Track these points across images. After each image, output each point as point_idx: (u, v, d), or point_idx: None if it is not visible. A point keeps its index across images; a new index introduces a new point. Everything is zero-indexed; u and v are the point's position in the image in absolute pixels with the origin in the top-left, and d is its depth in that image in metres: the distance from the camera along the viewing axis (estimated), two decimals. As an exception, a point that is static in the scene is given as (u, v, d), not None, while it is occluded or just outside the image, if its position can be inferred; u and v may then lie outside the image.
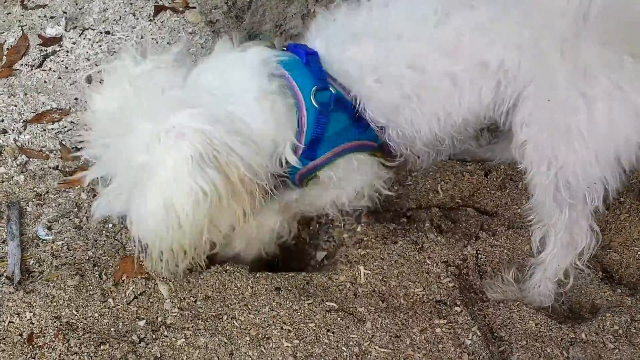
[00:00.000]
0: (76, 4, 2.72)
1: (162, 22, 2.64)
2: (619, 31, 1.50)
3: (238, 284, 1.83)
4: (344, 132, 1.71)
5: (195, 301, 1.81)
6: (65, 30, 2.62)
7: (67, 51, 2.57)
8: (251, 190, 1.59)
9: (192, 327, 1.76)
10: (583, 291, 1.89)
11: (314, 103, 1.64)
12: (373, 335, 1.73)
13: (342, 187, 1.80)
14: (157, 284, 1.84)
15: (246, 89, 1.61)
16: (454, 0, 1.62)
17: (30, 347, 1.73)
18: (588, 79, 1.52)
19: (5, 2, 2.72)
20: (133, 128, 1.53)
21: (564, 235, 1.71)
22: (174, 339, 1.74)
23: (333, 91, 1.67)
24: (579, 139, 1.56)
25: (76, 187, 2.19)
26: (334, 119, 1.68)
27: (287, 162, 1.69)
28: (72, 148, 2.31)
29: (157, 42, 2.59)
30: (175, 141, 1.49)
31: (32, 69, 2.52)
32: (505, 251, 1.94)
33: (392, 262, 1.88)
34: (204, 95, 1.59)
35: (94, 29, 2.63)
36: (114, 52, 2.57)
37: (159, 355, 1.72)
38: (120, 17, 2.66)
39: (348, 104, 1.68)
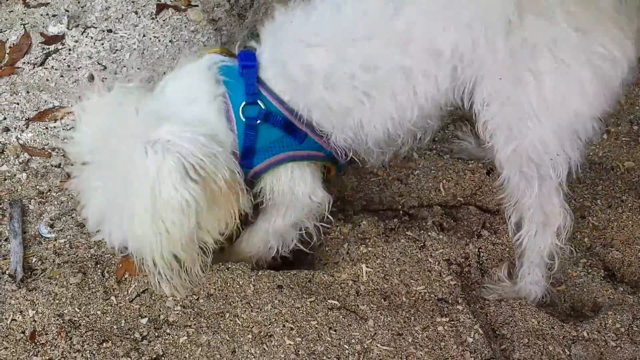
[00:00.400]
0: (78, 2, 2.72)
1: (164, 21, 2.64)
2: (562, 5, 1.51)
3: (240, 282, 1.83)
4: (277, 143, 1.75)
5: (197, 299, 1.81)
6: (68, 28, 2.62)
7: (70, 49, 2.58)
8: (238, 191, 1.67)
9: (195, 324, 1.76)
10: (585, 289, 1.89)
11: (242, 117, 1.71)
12: (375, 333, 1.73)
13: (281, 212, 1.84)
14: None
15: (201, 93, 1.71)
16: None
17: (33, 344, 1.74)
18: (535, 55, 1.54)
19: (7, 0, 2.73)
20: (116, 151, 1.62)
21: (537, 214, 1.71)
22: (176, 336, 1.75)
23: (262, 106, 1.71)
24: (532, 115, 1.58)
25: (78, 185, 2.20)
26: (264, 132, 1.73)
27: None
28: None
29: (159, 41, 2.59)
30: (162, 154, 1.57)
31: (34, 67, 2.52)
32: (507, 249, 1.94)
33: (394, 260, 1.88)
34: (172, 104, 1.69)
35: (96, 27, 2.63)
36: (117, 50, 2.57)
37: (162, 353, 1.72)
38: (122, 15, 2.66)
39: (278, 119, 1.72)
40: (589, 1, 1.53)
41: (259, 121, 1.71)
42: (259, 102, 1.71)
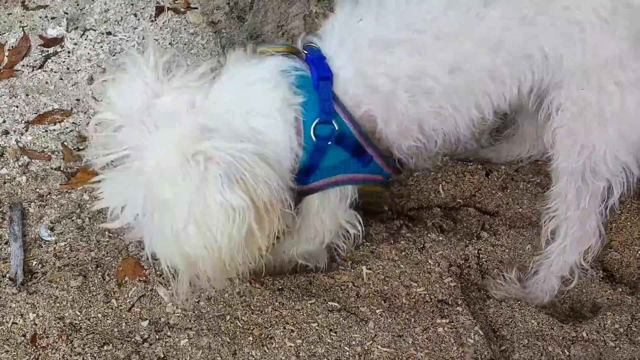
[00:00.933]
0: (77, 5, 2.72)
1: (163, 23, 2.64)
2: None
3: (241, 285, 1.84)
4: (342, 164, 1.64)
5: (198, 301, 1.82)
6: (67, 31, 2.62)
7: (69, 52, 2.57)
8: (278, 214, 1.51)
9: (195, 327, 1.77)
10: (584, 290, 1.90)
11: (313, 137, 1.57)
12: (375, 335, 1.73)
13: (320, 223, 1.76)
14: (156, 288, 1.85)
15: (265, 104, 1.54)
16: None
17: (34, 347, 1.74)
18: (622, 68, 1.55)
19: (6, 2, 2.72)
20: (153, 155, 1.47)
21: (576, 229, 1.73)
22: (177, 339, 1.75)
23: (336, 126, 1.58)
24: (612, 125, 1.58)
25: (78, 188, 2.20)
26: (332, 152, 1.61)
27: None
28: (74, 148, 2.31)
29: (158, 43, 2.59)
30: (204, 165, 1.43)
31: (33, 70, 2.52)
32: (507, 251, 1.95)
33: (394, 262, 1.89)
34: (225, 115, 1.52)
35: (95, 30, 2.63)
36: (116, 53, 2.57)
37: (162, 356, 1.73)
38: (121, 17, 2.66)
39: (350, 141, 1.60)
40: None
41: (330, 143, 1.59)
42: (333, 122, 1.57)
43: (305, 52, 1.62)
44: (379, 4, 1.58)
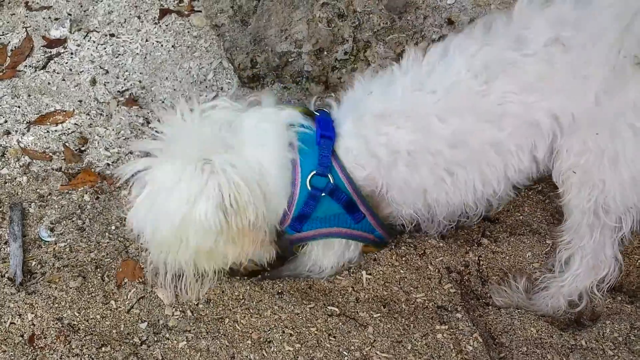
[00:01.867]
0: (81, 6, 2.73)
1: (167, 26, 2.65)
2: None
3: (240, 288, 1.83)
4: (335, 217, 1.77)
5: (197, 304, 1.81)
6: (70, 32, 2.63)
7: (72, 53, 2.58)
8: (259, 238, 1.69)
9: (194, 329, 1.76)
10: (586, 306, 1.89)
11: (308, 186, 1.71)
12: (374, 340, 1.73)
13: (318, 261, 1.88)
14: (155, 290, 1.85)
15: (272, 144, 1.69)
16: (495, 62, 1.61)
17: (32, 348, 1.73)
18: (636, 112, 1.57)
19: (9, 3, 2.73)
20: (179, 152, 1.63)
21: (590, 259, 1.75)
22: (175, 341, 1.75)
23: (331, 180, 1.71)
24: (625, 167, 1.60)
25: (79, 189, 2.20)
26: (325, 204, 1.74)
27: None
28: (75, 149, 2.32)
29: (161, 45, 2.60)
30: (208, 175, 1.60)
31: (35, 71, 2.53)
32: (507, 258, 1.95)
33: (394, 267, 1.89)
34: (242, 139, 1.67)
35: (98, 32, 2.64)
36: (119, 55, 2.58)
37: (161, 358, 1.72)
38: (125, 19, 2.67)
39: (342, 196, 1.72)
40: None
41: (323, 194, 1.72)
42: (329, 175, 1.71)
43: (317, 113, 1.78)
44: (390, 81, 1.71)
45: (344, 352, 1.71)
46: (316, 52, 2.34)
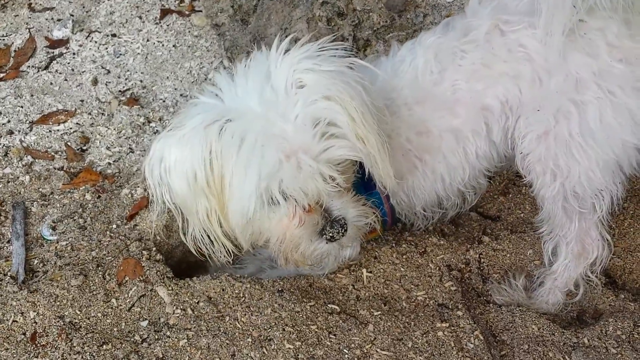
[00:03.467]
0: (83, 7, 2.74)
1: (168, 25, 2.66)
2: (605, 39, 1.54)
3: (240, 286, 1.83)
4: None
5: (197, 302, 1.81)
6: (72, 32, 2.65)
7: (74, 53, 2.60)
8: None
9: (195, 327, 1.76)
10: (586, 296, 1.88)
11: None
12: (375, 338, 1.73)
13: None
14: (156, 288, 1.85)
15: None
16: (444, 53, 1.68)
17: (34, 346, 1.74)
18: (579, 87, 1.56)
19: (12, 4, 2.75)
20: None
21: (575, 246, 1.74)
22: (176, 339, 1.75)
23: None
24: (577, 147, 1.59)
25: (80, 188, 2.20)
26: None
27: None
28: (77, 149, 2.33)
29: (162, 45, 2.61)
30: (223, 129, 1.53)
31: (38, 71, 2.54)
32: (508, 255, 1.94)
33: (395, 265, 1.88)
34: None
35: (100, 32, 2.65)
36: (120, 55, 2.59)
37: (161, 356, 1.72)
38: (126, 20, 2.68)
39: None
40: (631, 34, 1.54)
41: None
42: None
43: None
44: (376, 66, 1.74)
45: (345, 350, 1.71)
46: (316, 50, 2.34)
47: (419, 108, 1.71)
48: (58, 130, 2.38)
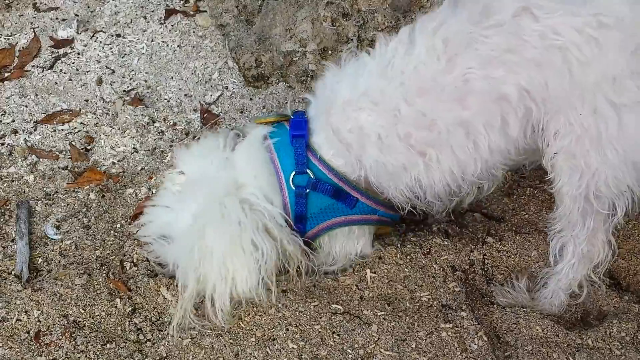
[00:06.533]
0: (88, 7, 2.75)
1: (172, 26, 2.67)
2: None
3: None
4: (329, 209, 1.80)
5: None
6: (77, 32, 2.65)
7: (78, 53, 2.60)
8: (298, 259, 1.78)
9: (198, 327, 1.76)
10: (590, 298, 1.88)
11: (292, 186, 1.77)
12: (378, 338, 1.73)
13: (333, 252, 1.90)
14: (160, 288, 1.85)
15: (259, 168, 1.79)
16: (456, 37, 1.58)
17: (38, 344, 1.74)
18: (617, 88, 1.52)
19: (17, 4, 2.76)
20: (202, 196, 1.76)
21: (584, 247, 1.71)
22: (179, 338, 1.75)
23: (312, 175, 1.76)
24: (610, 147, 1.56)
25: (85, 188, 2.21)
26: (314, 199, 1.78)
27: None
28: (82, 148, 2.33)
29: (167, 45, 2.61)
30: (247, 210, 1.73)
31: (43, 71, 2.55)
32: (513, 256, 1.94)
33: (399, 265, 1.88)
34: (244, 175, 1.79)
35: (105, 32, 2.66)
36: (125, 55, 2.60)
37: (165, 355, 1.73)
38: (131, 20, 2.69)
39: (326, 187, 1.76)
40: None
41: (308, 190, 1.76)
42: (309, 171, 1.76)
43: (292, 116, 1.83)
44: (357, 67, 1.73)
45: (348, 350, 1.71)
46: (321, 51, 2.35)
47: (421, 100, 1.61)
48: (62, 129, 2.38)
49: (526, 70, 1.55)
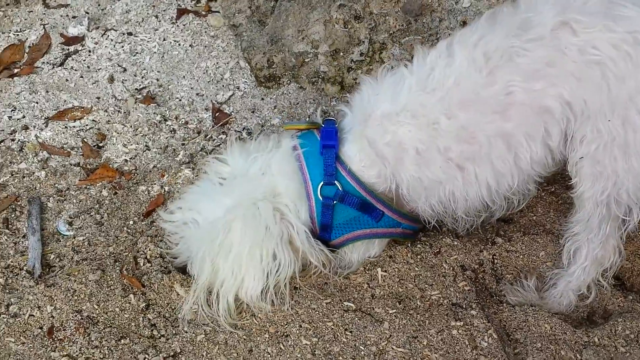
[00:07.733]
0: (98, 5, 2.75)
1: (184, 25, 2.67)
2: None
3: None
4: (355, 221, 1.82)
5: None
6: (88, 30, 2.65)
7: (89, 51, 2.60)
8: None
9: (212, 323, 1.78)
10: (596, 297, 1.91)
11: (319, 196, 1.78)
12: (390, 336, 1.75)
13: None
14: (173, 284, 1.87)
15: (290, 176, 1.81)
16: (497, 51, 1.59)
17: (51, 340, 1.75)
18: None
19: (27, 0, 2.76)
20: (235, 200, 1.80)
21: (598, 252, 1.75)
22: (193, 334, 1.76)
23: (340, 187, 1.77)
24: (637, 156, 1.59)
25: (97, 184, 2.22)
26: (340, 211, 1.80)
27: None
28: (94, 145, 2.34)
29: (179, 45, 2.62)
30: (278, 219, 1.77)
31: (53, 67, 2.55)
32: (521, 257, 1.97)
33: (409, 264, 1.91)
34: (278, 184, 1.82)
35: (116, 30, 2.66)
36: (136, 53, 2.60)
37: (179, 351, 1.74)
38: (142, 19, 2.69)
39: (354, 199, 1.78)
40: None
41: (335, 202, 1.78)
42: (337, 182, 1.77)
43: (323, 125, 1.85)
44: (397, 81, 1.73)
45: (361, 347, 1.73)
46: (332, 52, 2.37)
47: (461, 113, 1.63)
48: (74, 126, 2.38)
49: (567, 83, 1.57)
